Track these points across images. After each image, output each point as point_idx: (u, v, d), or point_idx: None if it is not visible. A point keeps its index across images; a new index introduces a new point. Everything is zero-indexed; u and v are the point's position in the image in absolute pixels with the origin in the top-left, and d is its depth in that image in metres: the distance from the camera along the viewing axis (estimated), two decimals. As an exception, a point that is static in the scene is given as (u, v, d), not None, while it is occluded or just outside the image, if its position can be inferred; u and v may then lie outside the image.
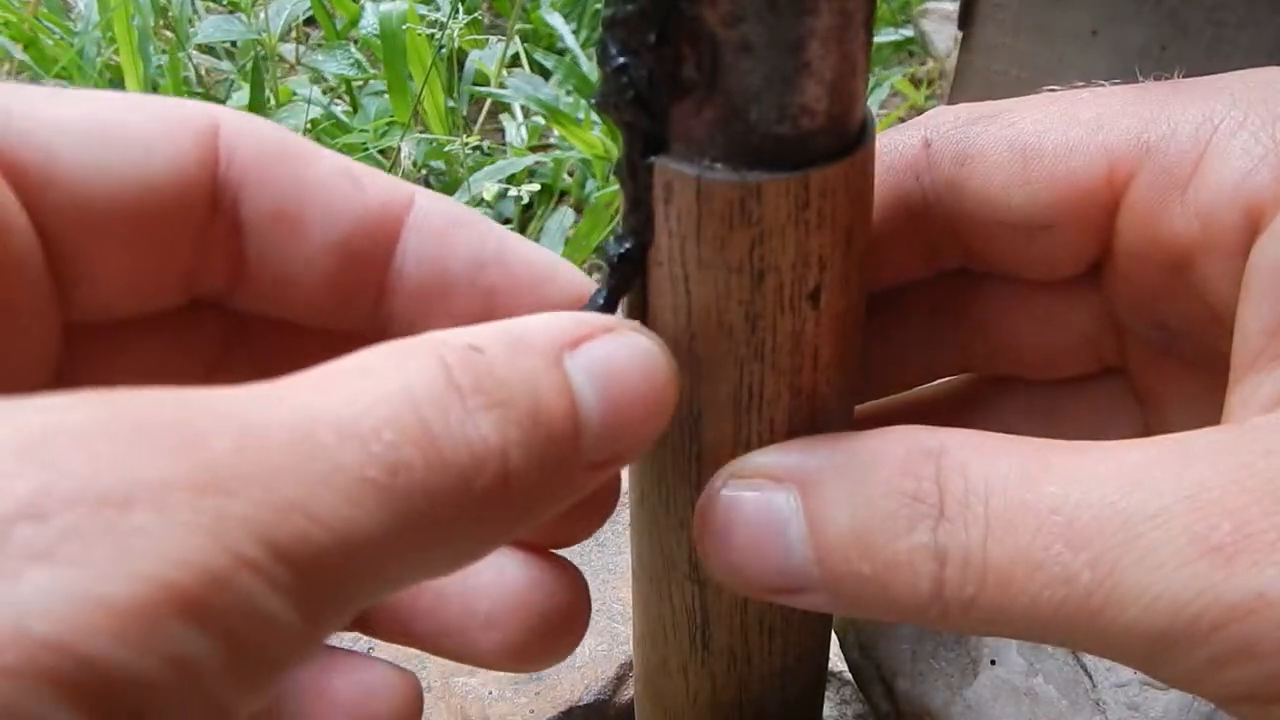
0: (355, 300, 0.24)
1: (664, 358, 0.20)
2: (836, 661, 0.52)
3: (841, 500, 0.21)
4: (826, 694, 0.47)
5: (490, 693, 0.50)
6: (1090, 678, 0.44)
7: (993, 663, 0.45)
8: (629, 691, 0.50)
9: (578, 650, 0.51)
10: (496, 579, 0.24)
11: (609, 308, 0.23)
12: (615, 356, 0.20)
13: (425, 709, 0.50)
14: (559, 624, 0.24)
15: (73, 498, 0.14)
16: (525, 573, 0.24)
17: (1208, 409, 0.23)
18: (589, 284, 0.24)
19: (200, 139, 0.22)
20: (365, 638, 0.30)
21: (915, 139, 0.26)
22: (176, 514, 0.14)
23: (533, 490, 0.18)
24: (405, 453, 0.16)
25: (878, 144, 0.26)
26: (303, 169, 0.23)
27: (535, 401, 0.18)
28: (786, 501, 0.22)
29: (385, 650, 0.46)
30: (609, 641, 0.52)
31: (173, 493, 0.14)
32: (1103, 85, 0.27)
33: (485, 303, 0.24)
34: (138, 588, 0.14)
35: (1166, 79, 0.26)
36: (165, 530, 0.14)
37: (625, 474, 0.29)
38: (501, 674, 0.50)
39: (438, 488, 0.17)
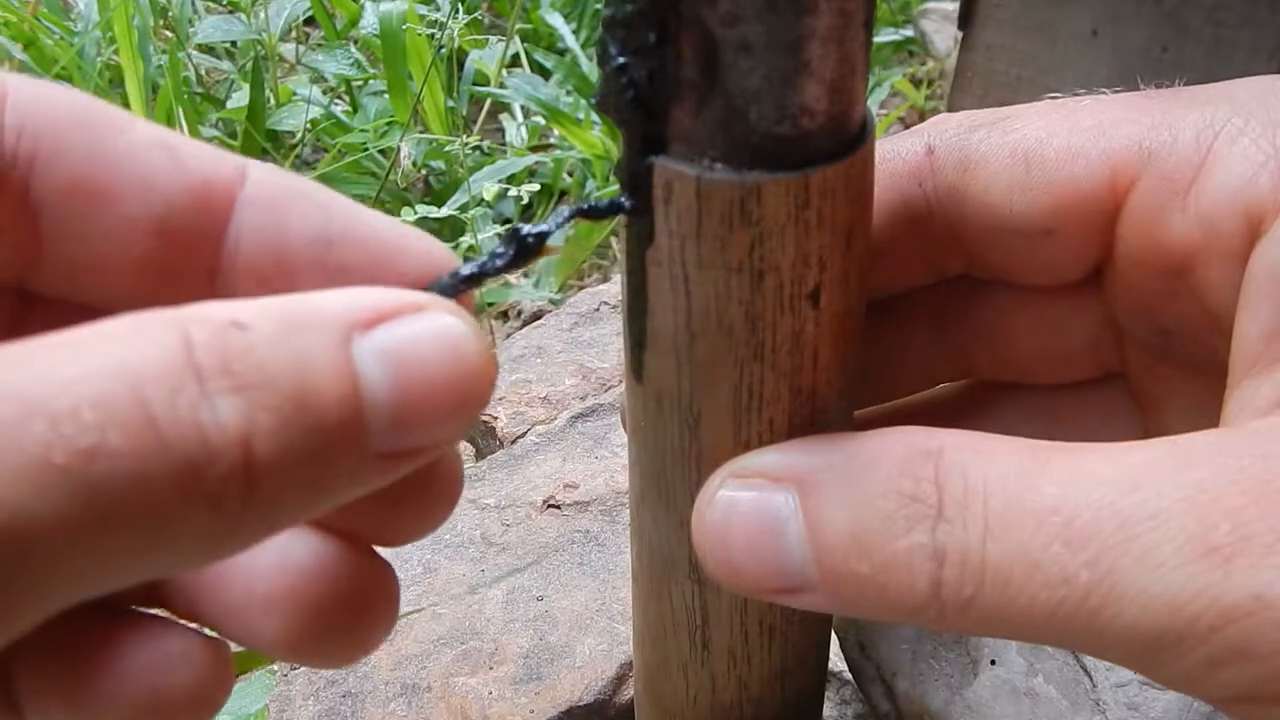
0: (184, 284, 0.22)
1: (475, 342, 0.19)
2: (836, 661, 0.52)
3: (840, 500, 0.21)
4: (826, 694, 0.47)
5: (490, 693, 0.50)
6: (1090, 678, 0.44)
7: (993, 663, 0.45)
8: (629, 691, 0.50)
9: (577, 650, 0.51)
10: (281, 562, 0.22)
11: (463, 286, 0.21)
12: (416, 338, 0.18)
13: (425, 709, 0.50)
14: (343, 619, 0.22)
15: None
16: (315, 560, 0.22)
17: (1207, 414, 0.23)
18: (451, 259, 0.22)
19: None
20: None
21: (918, 145, 0.27)
22: None
23: (295, 482, 0.17)
24: (109, 437, 0.15)
25: (880, 150, 0.26)
26: (108, 140, 0.21)
27: (301, 386, 0.17)
28: (785, 501, 0.22)
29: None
30: (609, 641, 0.52)
31: None
32: (1104, 92, 0.27)
33: (333, 282, 0.22)
34: None
35: (1167, 86, 0.26)
36: None
37: (625, 474, 0.29)
38: (502, 674, 0.50)
39: (154, 477, 0.15)
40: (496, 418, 0.70)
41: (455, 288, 0.21)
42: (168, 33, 1.27)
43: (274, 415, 0.16)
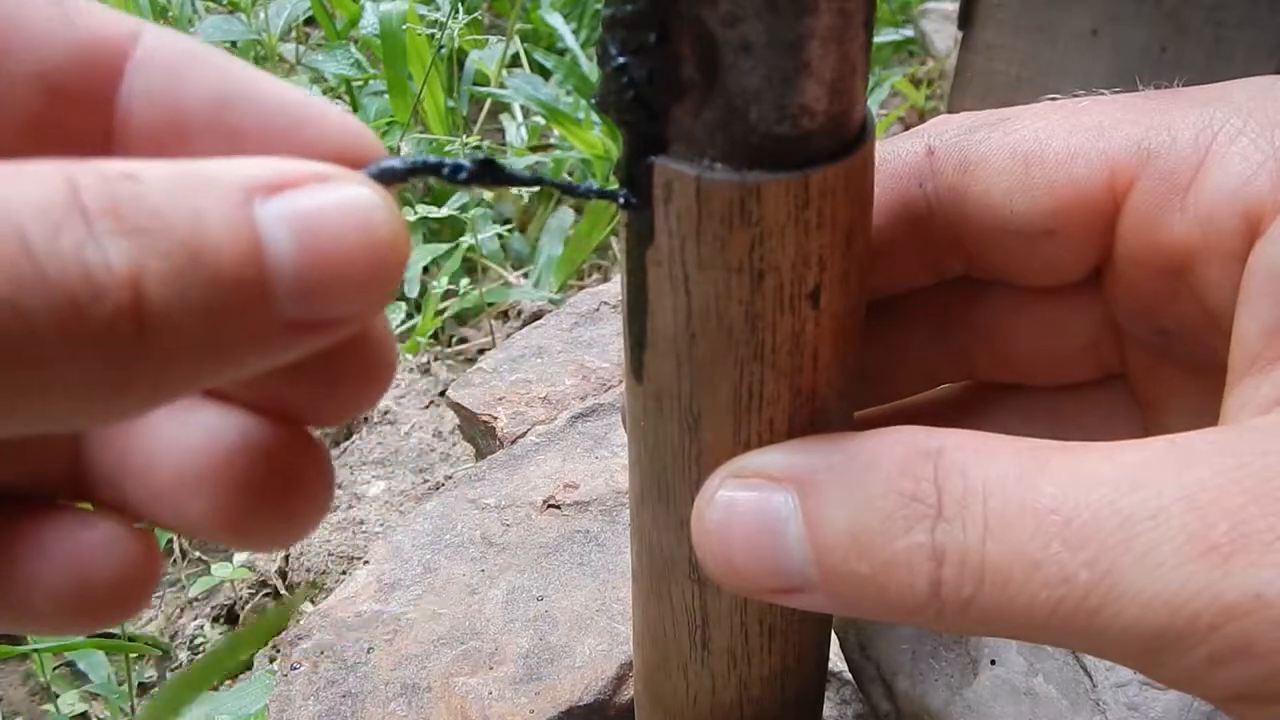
0: (74, 146, 0.21)
1: (388, 212, 0.18)
2: (836, 661, 0.52)
3: (839, 500, 0.21)
4: (826, 694, 0.47)
5: (490, 693, 0.50)
6: (1090, 678, 0.44)
7: (993, 663, 0.45)
8: (629, 691, 0.50)
9: (577, 650, 0.51)
10: (208, 441, 0.21)
11: (394, 178, 0.20)
12: (323, 206, 0.17)
13: (425, 709, 0.50)
14: (274, 498, 0.22)
15: None
16: (244, 439, 0.21)
17: (1207, 414, 0.23)
18: (368, 140, 0.21)
19: None
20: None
21: (918, 146, 0.27)
22: None
23: (193, 338, 0.16)
24: None
25: (881, 151, 0.26)
26: None
27: (195, 237, 0.16)
28: (785, 501, 0.22)
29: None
30: (609, 641, 0.52)
31: None
32: (1103, 93, 0.27)
33: (231, 148, 0.21)
34: None
35: (1167, 86, 0.26)
36: None
37: (625, 474, 0.28)
38: (501, 674, 0.50)
39: (33, 310, 0.14)
40: (496, 418, 0.70)
41: (385, 177, 0.20)
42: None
43: (166, 262, 0.16)
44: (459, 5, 1.08)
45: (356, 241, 0.18)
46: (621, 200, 0.22)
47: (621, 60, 0.20)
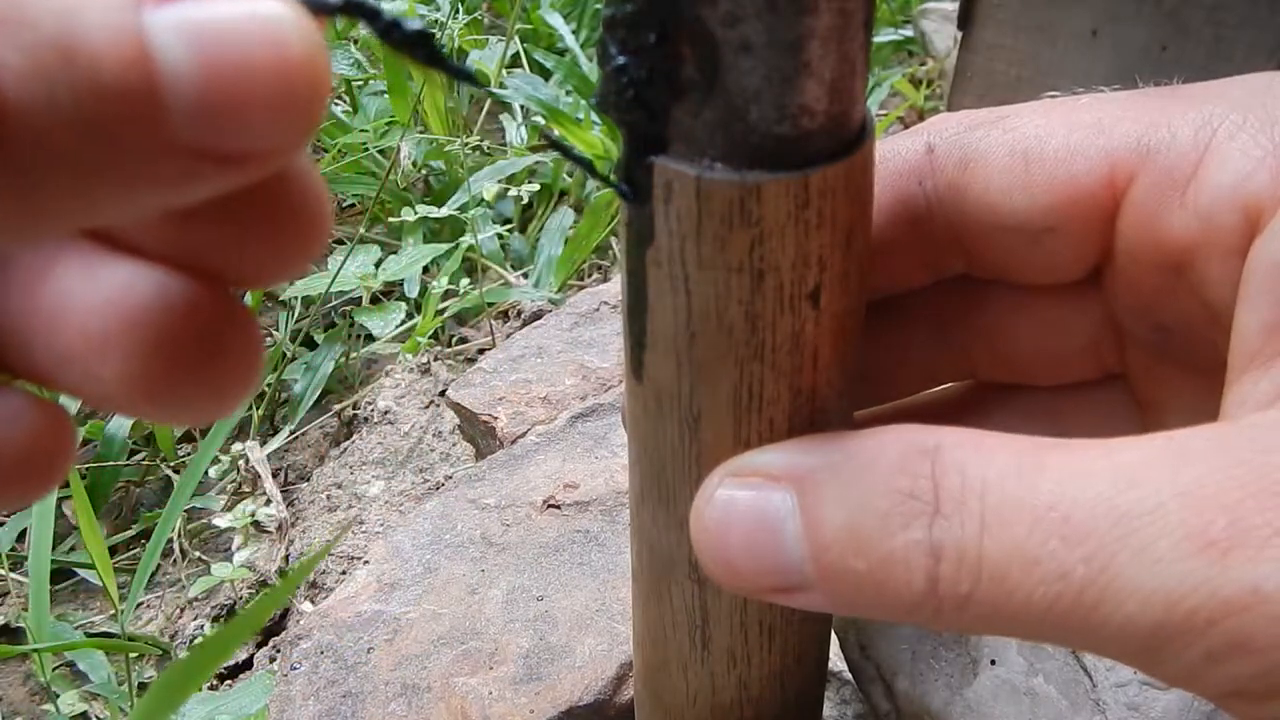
0: None
1: (305, 30, 0.16)
2: (836, 661, 0.52)
3: (837, 498, 0.21)
4: (826, 694, 0.47)
5: (490, 693, 0.50)
6: (1090, 678, 0.44)
7: (993, 663, 0.45)
8: (629, 691, 0.50)
9: (577, 650, 0.51)
10: (118, 299, 0.19)
11: (321, 10, 0.18)
12: (224, 16, 0.15)
13: (425, 709, 0.50)
14: (192, 361, 0.20)
15: None
16: (159, 297, 0.20)
17: (1206, 414, 0.23)
18: None
19: None
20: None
21: (918, 144, 0.27)
22: None
23: (65, 150, 0.15)
24: None
25: (880, 150, 0.26)
26: None
27: (66, 34, 0.14)
28: (783, 500, 0.22)
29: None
30: (609, 641, 0.52)
31: None
32: (1103, 90, 0.27)
33: None
34: None
35: (1166, 84, 0.26)
36: None
37: (625, 474, 0.28)
38: (501, 674, 0.50)
39: None
40: (496, 418, 0.70)
41: (315, 7, 0.18)
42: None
43: (27, 57, 0.14)
44: (459, 5, 1.08)
45: (266, 56, 0.15)
46: (622, 190, 0.22)
47: (621, 60, 0.20)
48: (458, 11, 1.08)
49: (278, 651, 0.66)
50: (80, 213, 0.16)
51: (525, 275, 1.05)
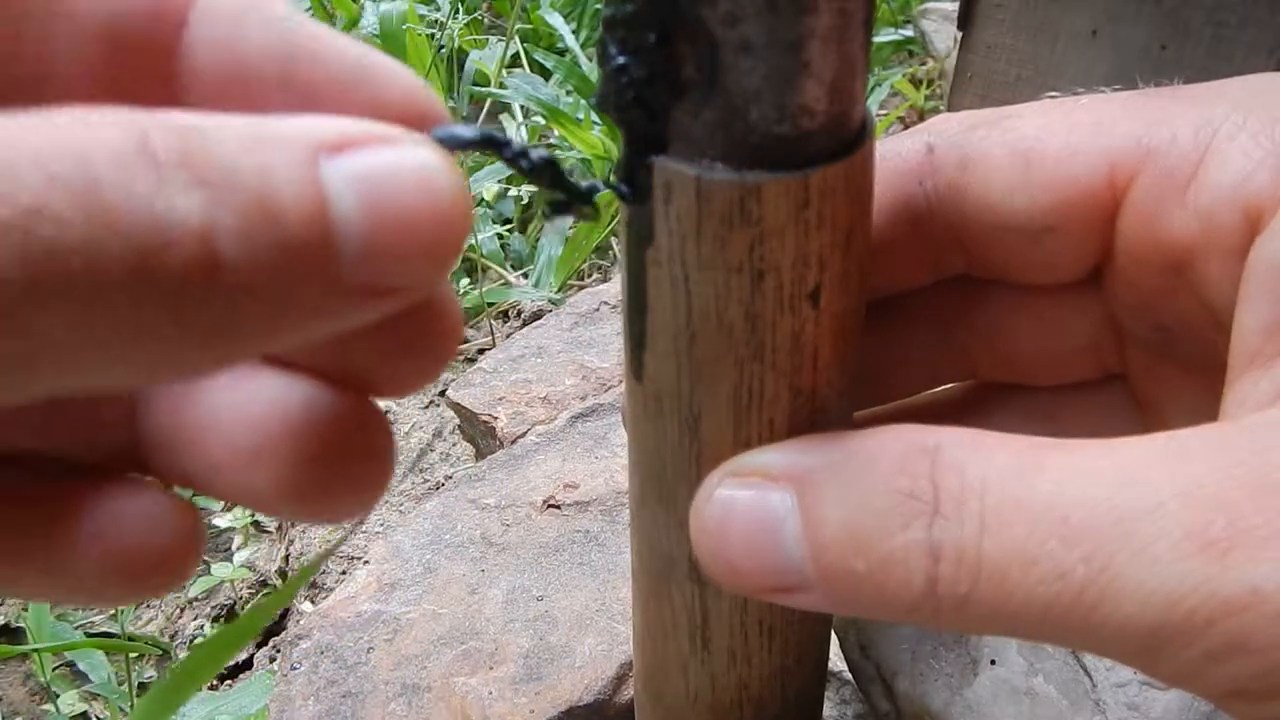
0: (138, 96, 0.20)
1: (451, 176, 0.18)
2: (836, 661, 0.52)
3: (836, 498, 0.21)
4: (826, 694, 0.47)
5: (490, 693, 0.50)
6: (1090, 678, 0.44)
7: (993, 663, 0.45)
8: (629, 691, 0.50)
9: (577, 650, 0.51)
10: (269, 411, 0.21)
11: (460, 146, 0.20)
12: (389, 167, 0.17)
13: (425, 709, 0.50)
14: (336, 469, 0.21)
15: None
16: (306, 408, 0.21)
17: (1206, 414, 0.23)
18: (431, 100, 0.21)
19: None
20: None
21: (919, 144, 0.27)
22: None
23: (259, 297, 0.16)
24: (54, 200, 0.14)
25: (881, 150, 0.26)
26: None
27: (265, 194, 0.16)
28: (782, 500, 0.22)
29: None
30: (609, 641, 0.52)
31: None
32: (1103, 90, 0.27)
33: (294, 103, 0.21)
34: None
35: (1166, 84, 0.26)
36: None
37: (625, 474, 0.28)
38: (501, 674, 0.50)
39: (102, 253, 0.14)
40: (496, 418, 0.70)
41: (450, 143, 0.19)
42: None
43: (237, 218, 0.15)
44: (459, 5, 1.08)
45: (420, 204, 0.17)
46: (622, 190, 0.22)
47: (621, 60, 0.20)
48: (458, 11, 1.08)
49: (278, 651, 0.66)
50: (257, 348, 0.17)
51: (525, 275, 1.05)
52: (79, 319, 0.15)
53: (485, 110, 1.24)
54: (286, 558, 0.78)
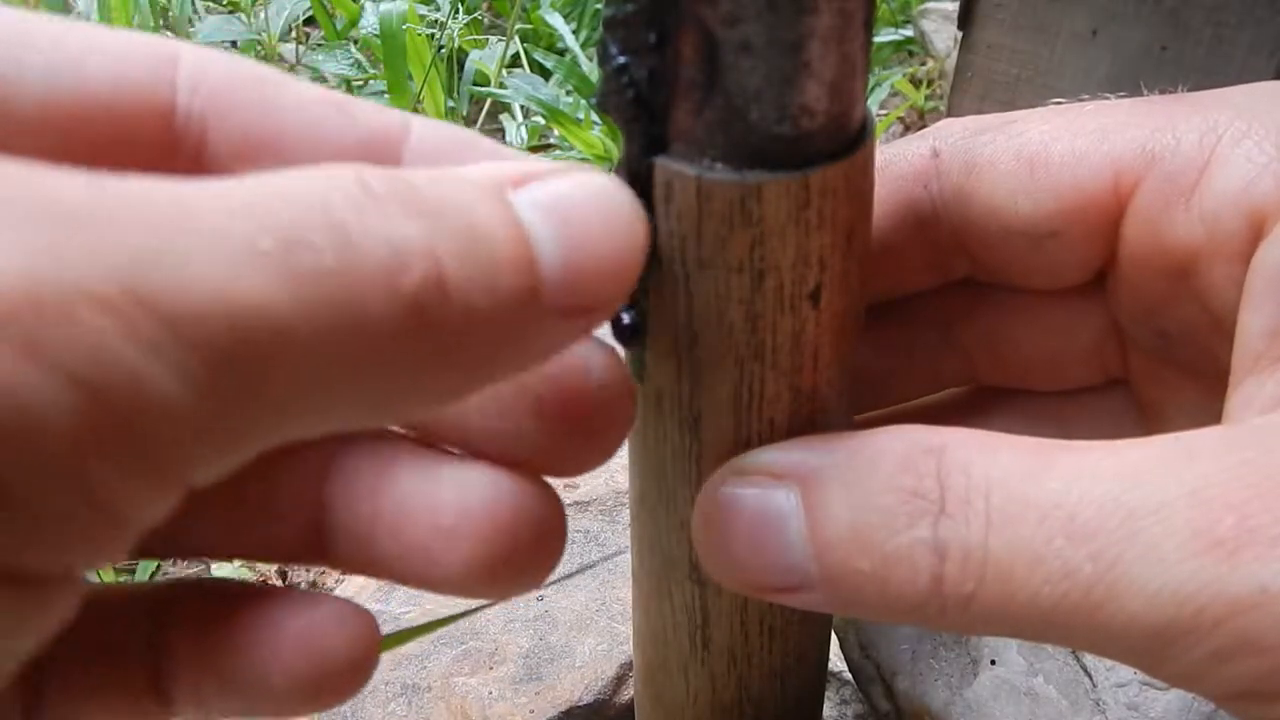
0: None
1: (627, 196, 0.19)
2: (836, 661, 0.52)
3: (841, 497, 0.21)
4: (826, 694, 0.47)
5: (490, 693, 0.50)
6: (1090, 678, 0.44)
7: (993, 663, 0.45)
8: (629, 691, 0.50)
9: (577, 650, 0.51)
10: (461, 493, 0.22)
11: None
12: (571, 192, 0.18)
13: (425, 709, 0.50)
14: (531, 541, 0.22)
15: None
16: (493, 486, 0.22)
17: (1208, 418, 0.24)
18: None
19: (154, 60, 0.21)
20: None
21: (923, 149, 0.27)
22: (2, 230, 0.12)
23: (482, 317, 0.17)
24: (308, 232, 0.15)
25: (886, 153, 0.26)
26: (280, 96, 0.22)
27: (472, 223, 0.17)
28: (786, 499, 0.22)
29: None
30: (609, 641, 0.52)
31: (1, 210, 0.13)
32: (1107, 97, 0.27)
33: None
34: None
35: (1169, 90, 0.26)
36: None
37: (625, 474, 0.28)
38: (502, 674, 0.50)
39: (353, 278, 0.15)
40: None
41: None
42: (168, 33, 1.27)
43: (455, 242, 0.16)
44: (459, 5, 1.08)
45: (603, 223, 0.18)
46: None
47: (622, 60, 0.20)
48: (458, 11, 1.08)
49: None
50: (480, 374, 0.18)
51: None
52: (337, 347, 0.15)
53: (485, 110, 1.24)
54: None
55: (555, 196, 0.18)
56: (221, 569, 0.76)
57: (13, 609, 0.14)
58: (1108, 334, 0.28)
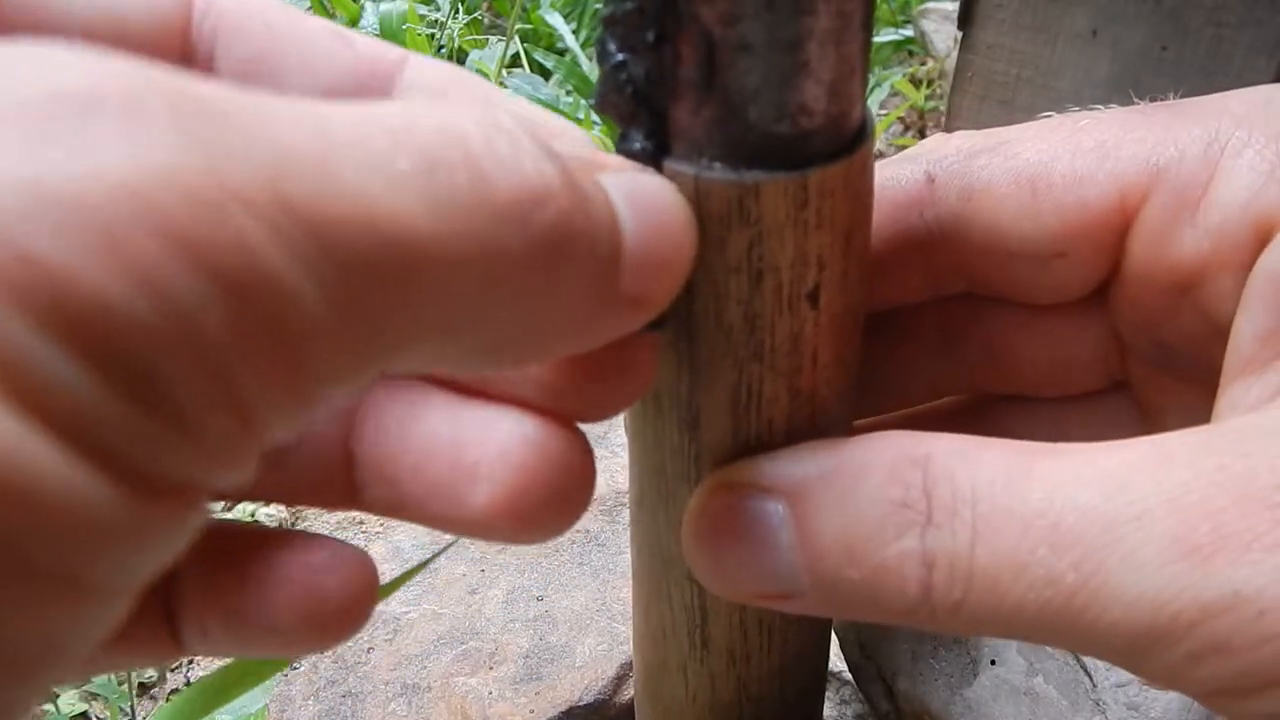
0: None
1: (682, 198, 0.20)
2: (836, 661, 0.52)
3: (830, 508, 0.21)
4: (826, 694, 0.47)
5: (490, 693, 0.50)
6: (1090, 678, 0.44)
7: (993, 663, 0.45)
8: (629, 691, 0.50)
9: (577, 650, 0.51)
10: (487, 432, 0.22)
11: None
12: (644, 187, 0.19)
13: (425, 709, 0.50)
14: (556, 482, 0.22)
15: (14, 88, 0.12)
16: (521, 428, 0.22)
17: (1209, 420, 0.24)
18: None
19: None
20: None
21: (918, 173, 0.27)
22: (151, 125, 0.12)
23: (584, 274, 0.17)
24: (446, 154, 0.15)
25: (880, 177, 0.26)
26: (285, 21, 0.22)
27: (587, 174, 0.17)
28: (775, 511, 0.22)
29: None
30: (609, 641, 0.52)
31: (149, 106, 0.13)
32: (1096, 108, 0.27)
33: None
34: (91, 183, 0.12)
35: (1163, 96, 0.26)
36: (134, 136, 0.12)
37: (625, 474, 0.28)
38: (502, 674, 0.50)
39: (489, 202, 0.15)
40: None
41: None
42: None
43: (576, 194, 0.17)
44: (459, 5, 1.08)
45: (673, 219, 0.19)
46: None
47: (620, 58, 0.20)
48: (458, 11, 1.08)
49: (278, 651, 0.66)
50: (554, 347, 0.19)
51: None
52: (469, 274, 0.15)
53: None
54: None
55: (634, 187, 0.19)
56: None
57: (150, 521, 0.13)
58: (1109, 342, 0.28)
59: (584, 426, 0.23)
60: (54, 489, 0.12)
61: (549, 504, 0.22)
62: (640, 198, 0.19)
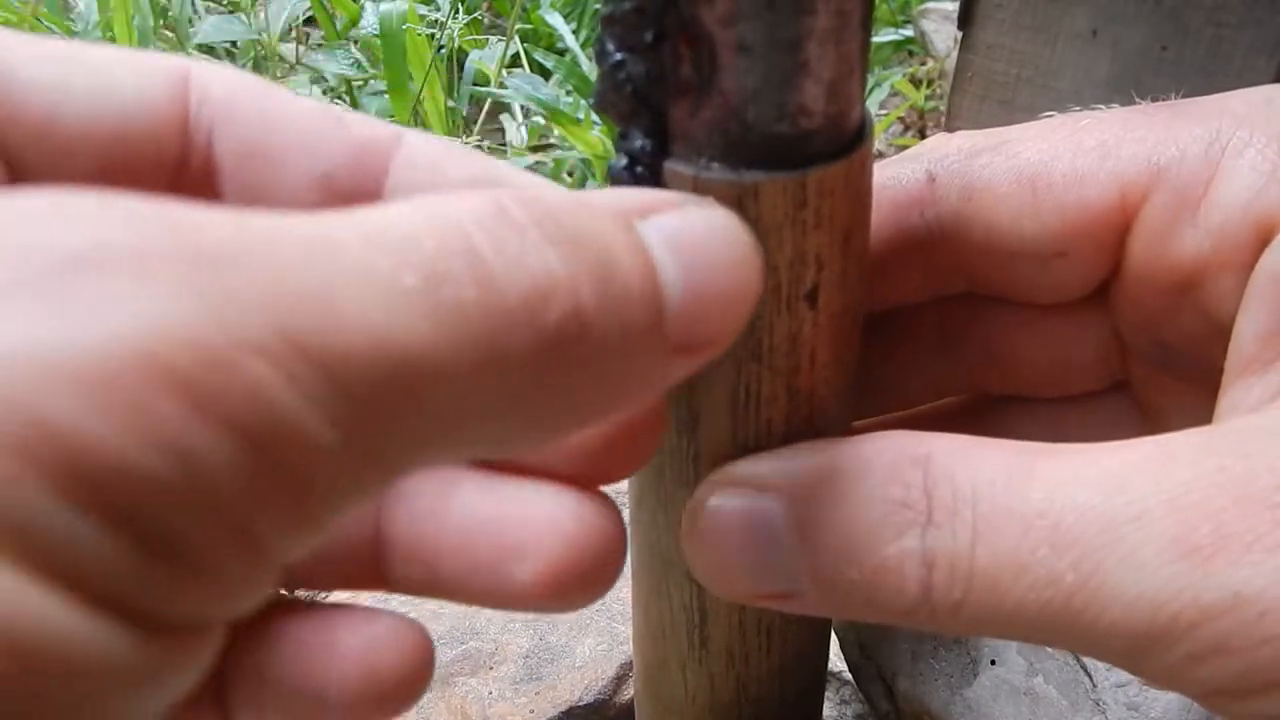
0: None
1: (745, 231, 0.19)
2: (836, 661, 0.52)
3: (830, 508, 0.21)
4: (826, 694, 0.47)
5: (490, 693, 0.50)
6: (1090, 678, 0.44)
7: (993, 663, 0.45)
8: (629, 691, 0.50)
9: (577, 650, 0.51)
10: (525, 510, 0.22)
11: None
12: (693, 225, 0.18)
13: (425, 709, 0.50)
14: (597, 554, 0.22)
15: (23, 253, 0.12)
16: (558, 503, 0.22)
17: (1209, 421, 0.24)
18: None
19: (171, 77, 0.21)
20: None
21: (918, 173, 0.26)
22: (159, 281, 0.12)
23: (613, 350, 0.17)
24: (450, 265, 0.15)
25: (880, 177, 0.26)
26: (278, 106, 0.22)
27: (606, 252, 0.16)
28: (775, 510, 0.22)
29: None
30: (609, 641, 0.52)
31: (155, 259, 0.13)
32: (1098, 107, 0.27)
33: None
34: (108, 349, 0.12)
35: (1164, 96, 0.26)
36: (144, 295, 0.12)
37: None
38: (502, 674, 0.50)
39: (496, 311, 0.15)
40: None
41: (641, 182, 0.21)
42: (168, 33, 1.27)
43: (592, 273, 0.16)
44: (459, 5, 1.08)
45: (727, 259, 0.18)
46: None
47: (619, 57, 0.20)
48: (458, 11, 1.08)
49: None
50: (605, 407, 0.18)
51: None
52: (480, 381, 0.15)
53: (485, 110, 1.24)
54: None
55: (679, 229, 0.18)
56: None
57: (167, 659, 0.14)
58: (1110, 342, 0.28)
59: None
60: (68, 646, 0.12)
61: (593, 574, 0.22)
62: (689, 240, 0.18)
